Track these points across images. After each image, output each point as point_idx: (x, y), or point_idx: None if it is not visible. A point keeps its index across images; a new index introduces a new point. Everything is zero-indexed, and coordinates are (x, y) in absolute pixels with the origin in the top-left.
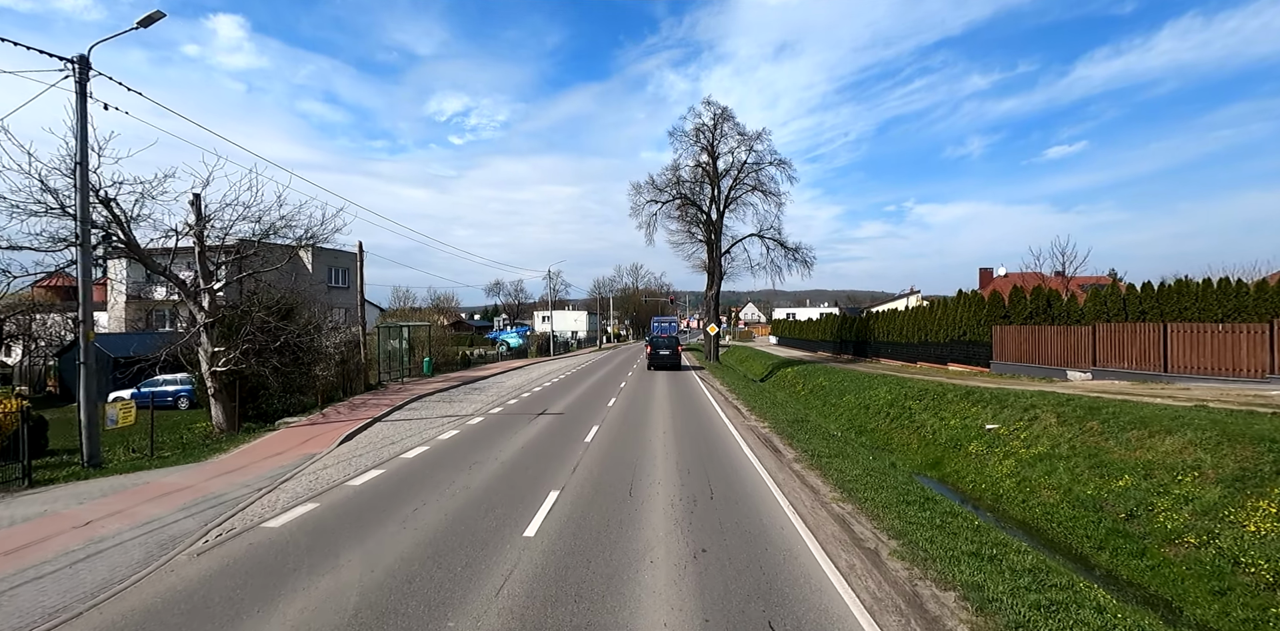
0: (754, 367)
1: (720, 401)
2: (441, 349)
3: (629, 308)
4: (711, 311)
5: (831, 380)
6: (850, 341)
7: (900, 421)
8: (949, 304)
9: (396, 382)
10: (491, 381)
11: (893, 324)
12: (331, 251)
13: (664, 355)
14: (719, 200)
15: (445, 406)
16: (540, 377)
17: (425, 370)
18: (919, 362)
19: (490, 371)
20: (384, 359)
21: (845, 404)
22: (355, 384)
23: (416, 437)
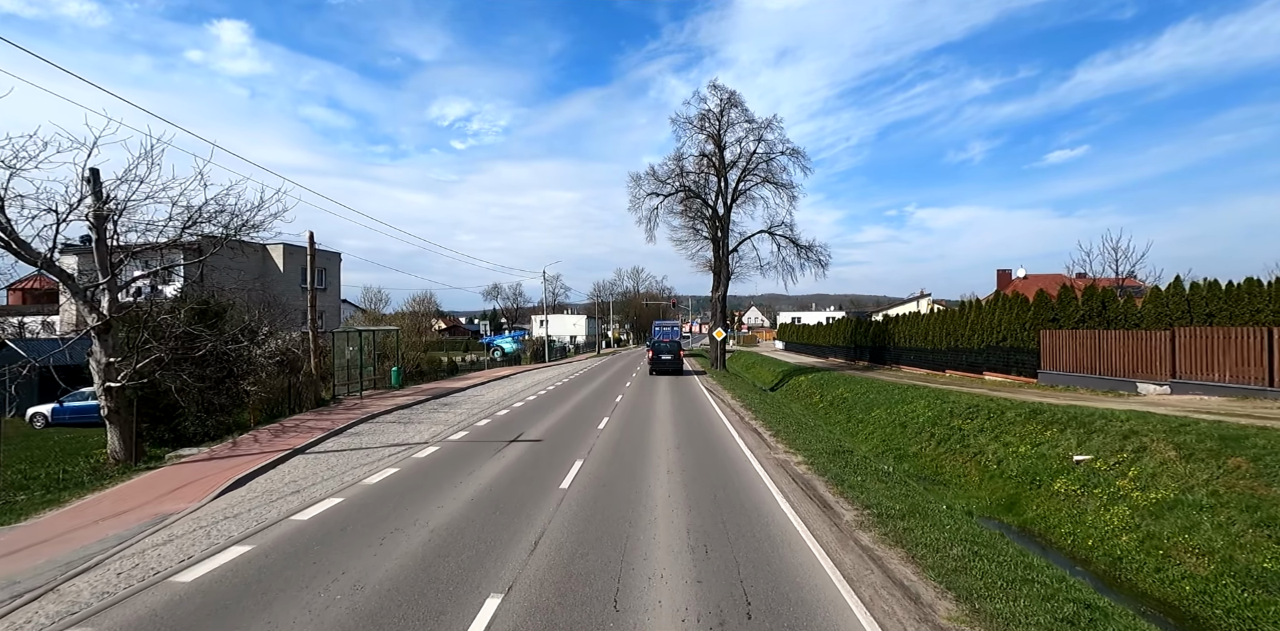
0: (762, 375)
1: (734, 421)
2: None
3: (630, 311)
4: (718, 314)
5: (854, 391)
6: (866, 347)
7: (950, 446)
8: (984, 306)
9: (354, 396)
10: (468, 394)
11: (915, 328)
12: (305, 250)
13: (666, 360)
14: (726, 193)
15: (398, 430)
16: (526, 389)
17: (393, 381)
18: (947, 371)
19: (472, 381)
20: (345, 369)
21: (876, 420)
22: (306, 398)
23: (334, 481)
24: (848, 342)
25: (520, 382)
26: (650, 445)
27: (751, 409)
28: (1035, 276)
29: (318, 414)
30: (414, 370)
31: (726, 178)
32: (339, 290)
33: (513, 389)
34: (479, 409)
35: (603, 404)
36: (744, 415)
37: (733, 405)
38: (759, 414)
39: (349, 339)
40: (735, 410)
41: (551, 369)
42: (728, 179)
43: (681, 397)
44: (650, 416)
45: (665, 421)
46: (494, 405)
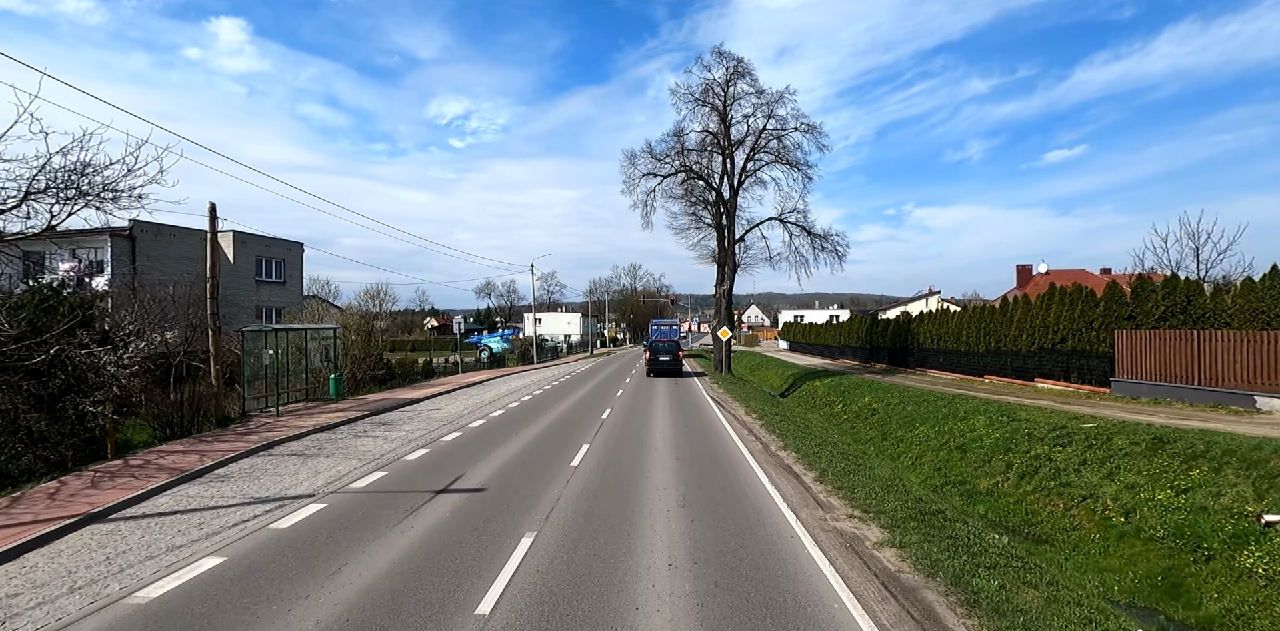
0: (769, 378)
1: (756, 449)
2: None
3: (627, 310)
4: (723, 311)
5: (884, 400)
6: (884, 348)
7: (1040, 483)
8: (1036, 302)
9: (268, 413)
10: (420, 409)
11: (944, 327)
12: (262, 239)
13: (664, 361)
14: (732, 175)
15: (289, 469)
16: (496, 400)
17: (331, 390)
18: (986, 376)
19: (435, 389)
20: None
21: (921, 440)
22: (207, 415)
23: (72, 600)
24: (861, 343)
25: (492, 391)
26: (642, 503)
27: (774, 430)
28: (1057, 272)
29: (199, 441)
30: (368, 376)
31: (733, 157)
32: (301, 284)
33: (480, 399)
34: (422, 432)
35: (585, 422)
36: (766, 439)
37: (749, 424)
38: (784, 436)
39: (267, 340)
40: (753, 430)
41: (536, 372)
42: (734, 159)
43: (684, 413)
44: (644, 444)
45: (664, 453)
46: (445, 425)
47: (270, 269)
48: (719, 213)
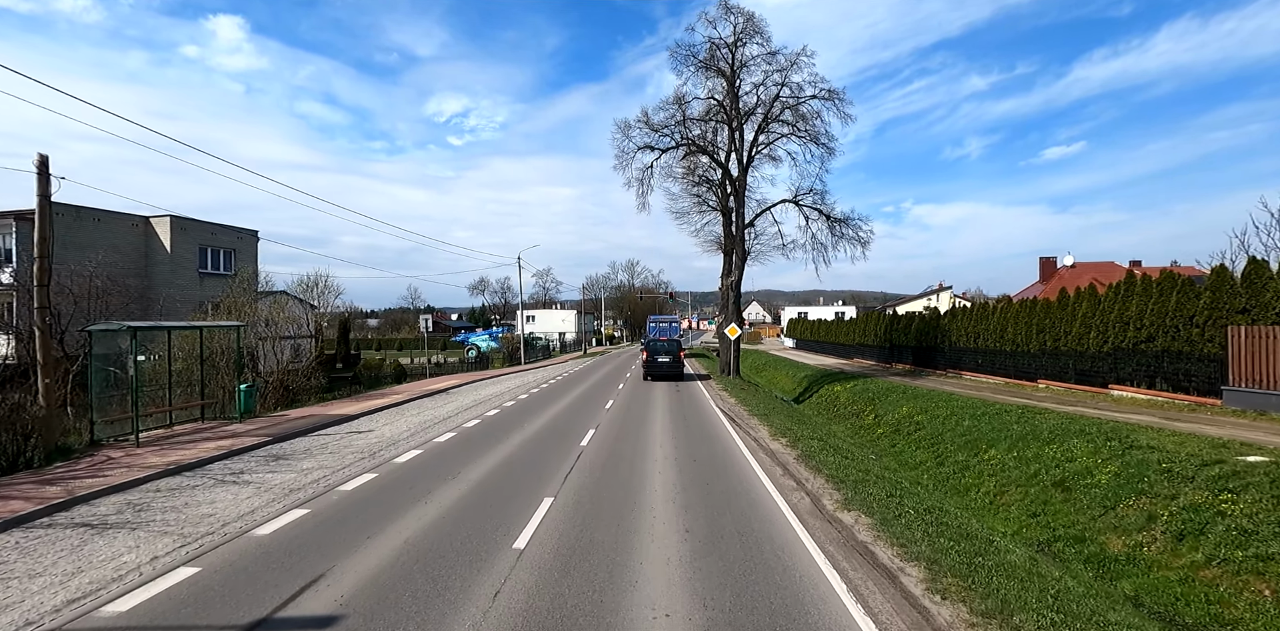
0: (779, 380)
1: (806, 512)
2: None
3: (624, 307)
4: (730, 306)
5: (927, 411)
6: (907, 347)
7: (1216, 549)
8: (1108, 293)
9: (125, 441)
10: (347, 430)
11: (984, 324)
12: (205, 225)
13: (663, 363)
14: (741, 150)
15: (53, 557)
16: (452, 417)
17: (240, 406)
18: (1040, 380)
19: (385, 400)
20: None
21: (995, 470)
22: (35, 445)
23: None
24: (880, 341)
25: (454, 402)
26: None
27: (819, 467)
28: (1085, 265)
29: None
30: (306, 384)
31: (742, 130)
32: (256, 277)
33: (431, 416)
34: (320, 475)
35: (556, 456)
36: (813, 485)
37: (779, 454)
38: (835, 479)
39: (135, 342)
40: (788, 467)
41: (518, 376)
42: (743, 132)
43: (690, 437)
44: (633, 506)
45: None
46: (363, 460)
47: (217, 259)
48: (725, 194)
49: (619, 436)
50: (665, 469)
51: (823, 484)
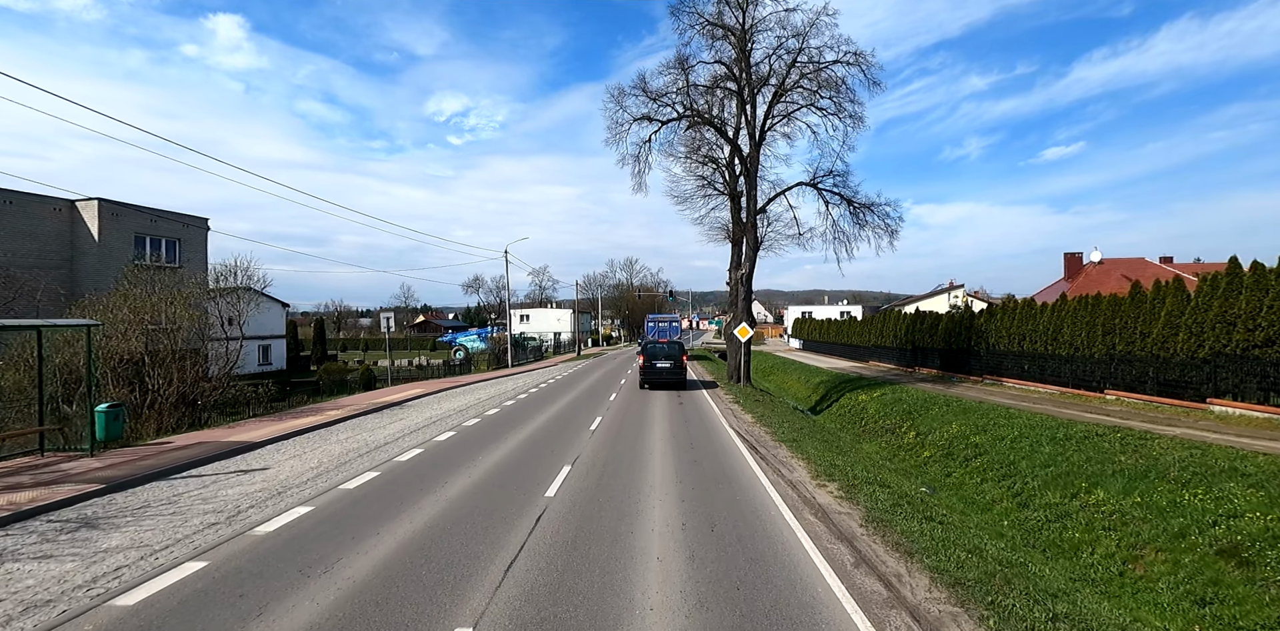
0: (791, 386)
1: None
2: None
3: (622, 306)
4: (740, 302)
5: (984, 430)
6: (933, 349)
7: None
8: (1203, 288)
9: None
10: (239, 465)
11: (1030, 324)
12: (143, 212)
13: (663, 369)
14: (753, 124)
15: None
16: (389, 443)
17: (99, 433)
18: (1108, 390)
19: (319, 417)
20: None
21: (1114, 522)
22: None
23: None
24: (899, 342)
25: (404, 420)
26: None
27: (926, 563)
28: (1113, 261)
29: None
30: (221, 396)
31: (754, 101)
32: (205, 270)
33: (366, 441)
34: (137, 556)
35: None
36: (925, 605)
37: (834, 513)
38: (937, 570)
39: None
40: (857, 543)
41: (498, 383)
42: (755, 104)
43: (701, 485)
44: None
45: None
46: (220, 525)
47: (157, 250)
48: (734, 175)
49: (600, 482)
50: (669, 554)
51: (928, 585)
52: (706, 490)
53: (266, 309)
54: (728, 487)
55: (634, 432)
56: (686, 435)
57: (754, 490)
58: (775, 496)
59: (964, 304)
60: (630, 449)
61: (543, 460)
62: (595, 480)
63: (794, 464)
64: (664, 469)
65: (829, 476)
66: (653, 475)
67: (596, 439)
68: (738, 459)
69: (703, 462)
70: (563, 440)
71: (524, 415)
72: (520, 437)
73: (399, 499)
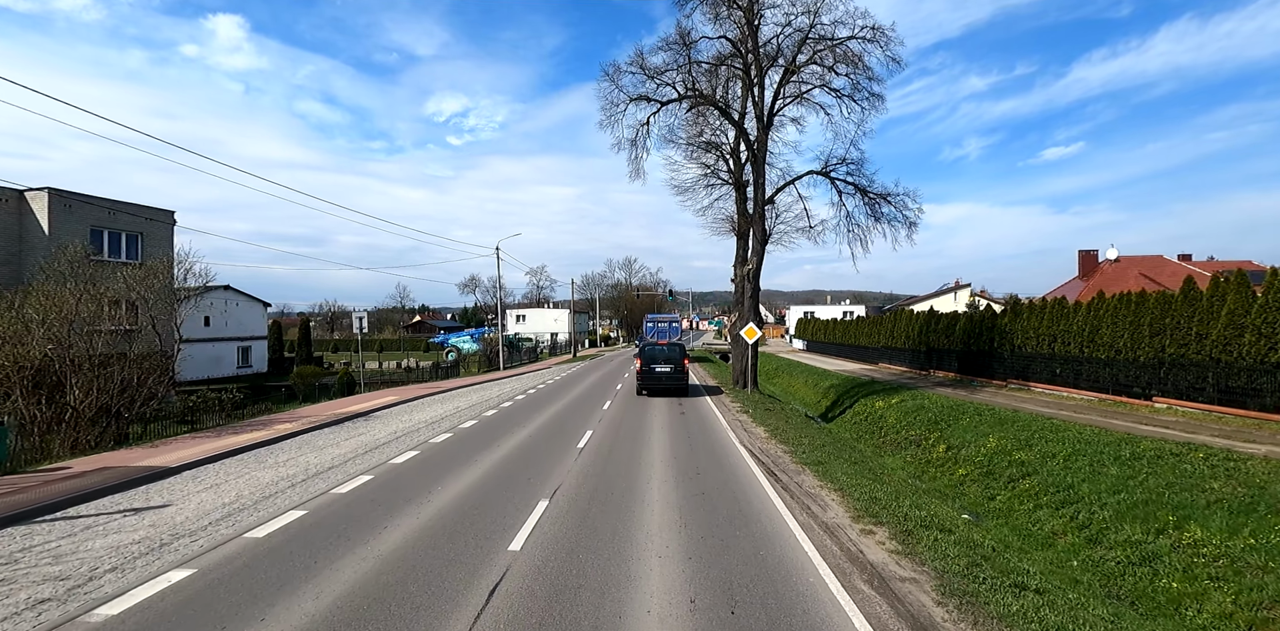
0: (798, 389)
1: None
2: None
3: (620, 306)
4: (746, 301)
5: (1027, 445)
6: (951, 351)
7: None
8: (1272, 282)
9: None
10: (140, 500)
11: (1062, 324)
12: (101, 203)
13: (662, 374)
14: (761, 106)
15: None
16: (345, 462)
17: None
18: (1156, 398)
19: (265, 433)
20: None
21: (1216, 562)
22: None
23: None
24: (912, 343)
25: (363, 436)
26: None
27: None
28: (1131, 259)
29: None
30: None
31: (762, 82)
32: (170, 266)
33: (315, 462)
34: None
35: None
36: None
37: (903, 590)
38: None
39: None
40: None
41: (484, 389)
42: (764, 84)
43: (711, 534)
44: None
45: None
46: (23, 614)
47: (116, 245)
48: (739, 163)
49: (584, 529)
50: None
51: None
52: (720, 541)
53: (245, 308)
54: (747, 536)
55: (628, 452)
56: (690, 456)
57: (781, 539)
58: (811, 550)
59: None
60: (623, 475)
61: (515, 492)
62: (576, 524)
63: (825, 497)
64: (665, 507)
65: (873, 516)
66: (650, 516)
67: (584, 461)
68: (755, 490)
69: (712, 495)
70: (543, 463)
71: (504, 428)
72: (494, 459)
73: (314, 555)
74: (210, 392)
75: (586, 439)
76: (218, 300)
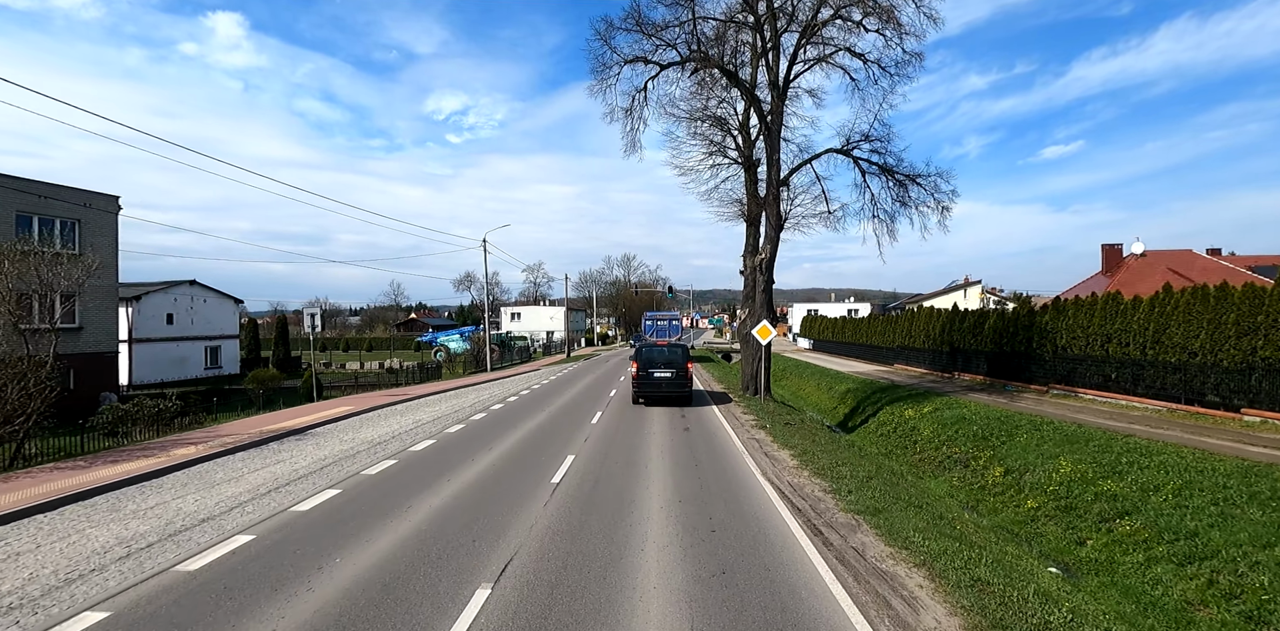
0: (809, 393)
1: None
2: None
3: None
4: (759, 296)
5: (1119, 471)
6: (979, 352)
7: None
8: None
9: None
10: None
11: (1119, 322)
12: (30, 187)
13: (661, 380)
14: (776, 71)
15: None
16: (222, 513)
17: None
18: (1245, 409)
19: (155, 461)
20: None
21: None
22: None
23: None
24: (933, 343)
25: (299, 459)
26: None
27: None
28: (1158, 253)
29: None
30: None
31: (778, 45)
32: (114, 257)
33: (189, 510)
34: None
35: None
36: None
37: None
38: None
39: None
40: None
41: (460, 395)
42: (780, 46)
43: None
44: None
45: None
46: None
47: (52, 231)
48: (749, 139)
49: None
50: None
51: None
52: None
53: (214, 305)
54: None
55: (617, 492)
56: (700, 497)
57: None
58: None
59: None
60: (608, 536)
61: (446, 572)
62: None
63: (905, 579)
64: (667, 602)
65: (995, 622)
66: (645, 622)
67: (557, 508)
68: (799, 565)
69: (736, 575)
70: (502, 511)
71: (466, 449)
72: (436, 504)
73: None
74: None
75: (565, 469)
76: (182, 296)
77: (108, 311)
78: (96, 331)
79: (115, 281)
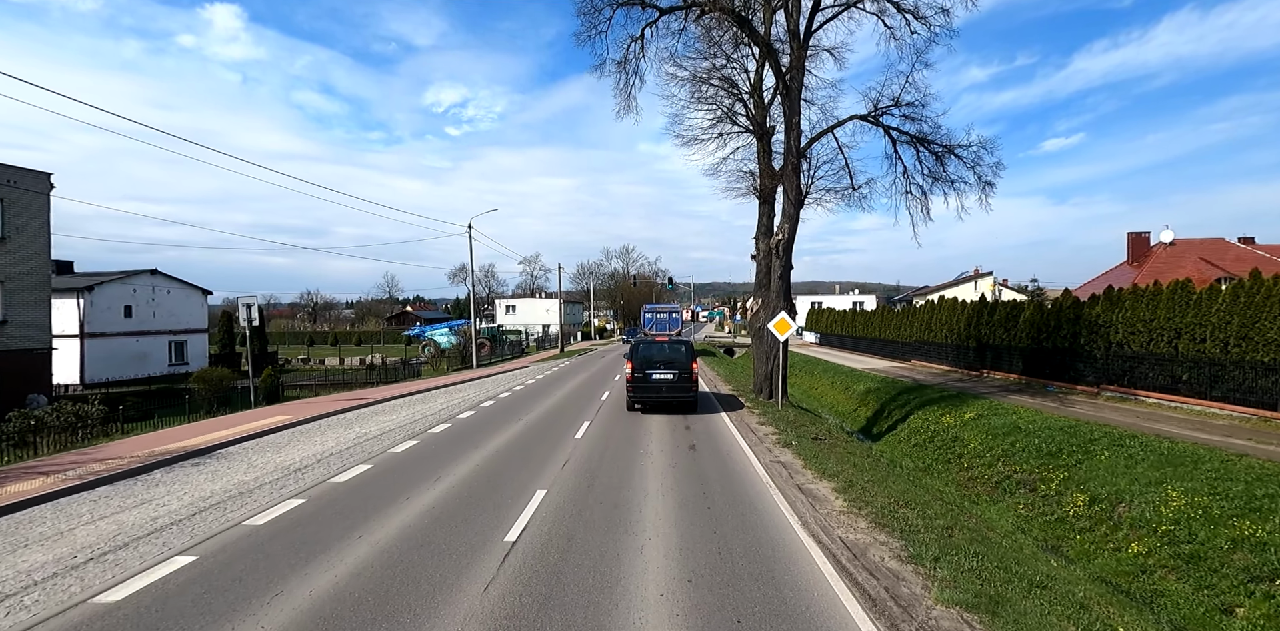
0: (822, 392)
1: None
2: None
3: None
4: (775, 284)
5: (1258, 507)
6: (1012, 348)
7: None
8: None
9: None
10: None
11: (1193, 314)
12: None
13: (661, 382)
14: (795, 19)
15: None
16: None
17: None
18: None
19: (24, 487)
20: None
21: None
22: None
23: None
24: (957, 338)
25: (174, 500)
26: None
27: None
28: (1188, 242)
29: None
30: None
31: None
32: (45, 242)
33: None
34: None
35: None
36: None
37: None
38: None
39: None
40: None
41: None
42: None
43: None
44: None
45: None
46: None
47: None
48: (761, 104)
49: None
50: None
51: None
52: None
53: (179, 297)
54: None
55: (596, 561)
56: (718, 575)
57: None
58: None
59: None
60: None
61: None
62: None
63: None
64: None
65: None
66: None
67: (503, 591)
68: None
69: None
70: (428, 591)
71: (409, 478)
72: (340, 572)
73: None
74: (69, 404)
75: (528, 516)
76: (142, 287)
77: (38, 302)
78: (24, 325)
79: (47, 269)
